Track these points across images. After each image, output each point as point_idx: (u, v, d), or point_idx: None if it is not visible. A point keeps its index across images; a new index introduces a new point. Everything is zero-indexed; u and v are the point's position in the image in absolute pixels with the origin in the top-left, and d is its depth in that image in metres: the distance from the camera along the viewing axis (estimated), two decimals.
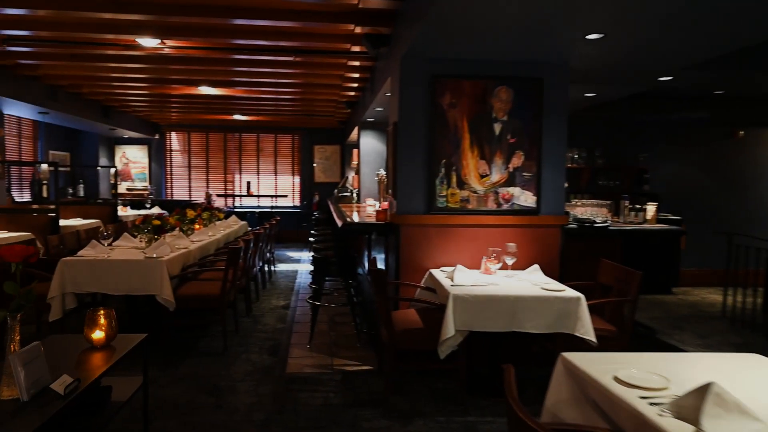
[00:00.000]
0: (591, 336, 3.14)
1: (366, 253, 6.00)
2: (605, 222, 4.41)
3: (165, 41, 5.06)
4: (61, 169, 10.19)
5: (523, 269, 3.79)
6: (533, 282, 3.46)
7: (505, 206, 4.06)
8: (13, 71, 6.16)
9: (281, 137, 12.00)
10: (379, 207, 6.01)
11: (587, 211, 4.73)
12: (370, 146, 7.70)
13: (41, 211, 6.61)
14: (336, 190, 7.77)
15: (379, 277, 3.34)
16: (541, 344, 3.53)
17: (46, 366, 1.83)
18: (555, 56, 3.93)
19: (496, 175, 4.05)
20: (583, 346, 3.18)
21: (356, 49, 5.11)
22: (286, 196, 11.91)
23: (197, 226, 6.06)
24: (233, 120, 10.91)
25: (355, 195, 7.74)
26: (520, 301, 3.16)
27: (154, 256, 4.21)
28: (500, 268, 3.65)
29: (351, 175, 9.33)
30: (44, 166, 7.57)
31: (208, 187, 11.79)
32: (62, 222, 7.09)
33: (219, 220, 7.24)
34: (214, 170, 11.83)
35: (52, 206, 6.58)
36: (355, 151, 8.16)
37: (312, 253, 5.31)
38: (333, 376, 3.81)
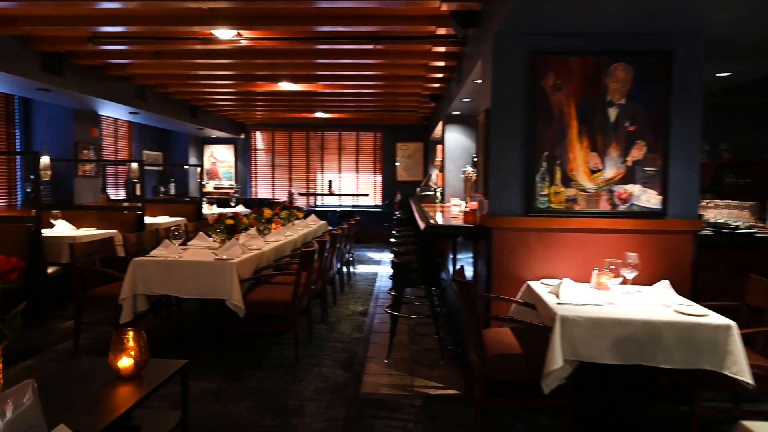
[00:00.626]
0: (746, 376, 2.42)
1: (451, 257, 5.48)
2: (750, 228, 3.58)
3: (241, 33, 4.84)
4: (154, 168, 10.55)
5: (646, 285, 3.11)
6: (663, 302, 2.78)
7: (622, 207, 3.38)
8: (103, 72, 6.26)
9: (363, 135, 11.72)
10: (466, 207, 5.47)
11: (722, 213, 3.90)
12: (456, 142, 7.15)
13: (128, 209, 6.70)
14: (418, 189, 7.30)
15: (469, 291, 2.82)
16: (672, 377, 2.84)
17: (40, 412, 1.41)
18: (686, 23, 3.20)
19: (611, 170, 3.38)
20: (731, 385, 2.48)
21: (442, 31, 4.60)
22: (367, 195, 11.62)
23: (274, 226, 5.82)
24: (315, 118, 10.77)
25: (438, 194, 7.22)
26: (650, 327, 2.51)
27: (224, 257, 3.95)
28: (619, 283, 2.99)
29: (434, 173, 8.81)
30: (134, 165, 7.74)
31: (290, 185, 11.77)
32: (148, 219, 7.18)
33: (298, 219, 7.01)
34: (296, 169, 11.79)
35: (139, 204, 6.65)
36: (439, 147, 7.63)
37: (392, 257, 4.88)
38: (413, 400, 3.34)
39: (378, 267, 8.43)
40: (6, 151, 6.69)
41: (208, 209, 9.22)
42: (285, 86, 7.23)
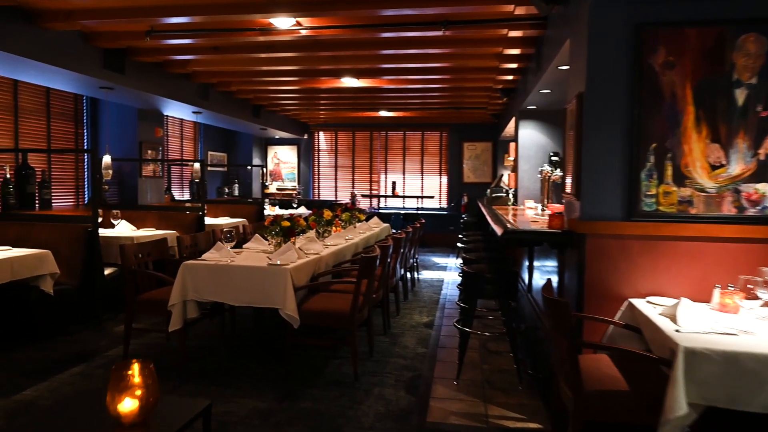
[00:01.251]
0: None
1: (526, 265, 4.91)
2: None
3: (301, 21, 4.53)
4: (218, 169, 10.58)
5: None
6: None
7: (752, 211, 2.74)
8: (165, 69, 6.17)
9: (428, 134, 11.27)
10: (545, 210, 4.90)
11: None
12: (531, 139, 6.56)
13: (190, 210, 6.60)
14: (489, 191, 6.75)
15: (561, 312, 2.31)
16: None
17: None
18: None
19: (737, 166, 2.75)
20: None
21: (521, 11, 4.08)
22: (432, 197, 11.14)
23: (335, 229, 5.48)
24: (379, 117, 10.42)
25: (511, 196, 6.65)
26: None
27: (278, 262, 3.62)
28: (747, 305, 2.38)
29: (506, 173, 8.22)
30: (196, 165, 7.68)
31: (353, 187, 11.49)
32: (209, 221, 7.06)
33: (360, 221, 6.66)
34: (359, 170, 11.50)
35: (199, 204, 6.53)
36: (511, 145, 7.05)
37: (461, 265, 4.40)
38: None
39: (444, 273, 7.94)
40: (65, 148, 6.76)
41: (270, 210, 9.07)
42: (348, 82, 6.91)
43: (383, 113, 9.84)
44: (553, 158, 6.00)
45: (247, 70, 6.51)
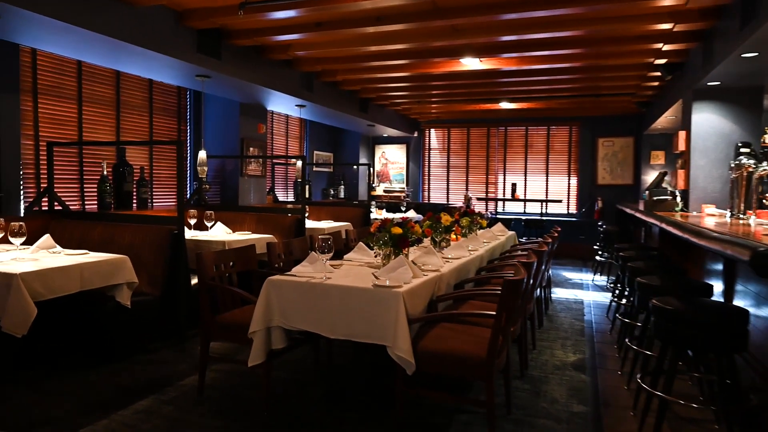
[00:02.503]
0: None
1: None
2: None
3: None
4: (324, 169, 10.01)
5: None
6: None
7: None
8: (265, 56, 5.56)
9: (555, 129, 9.87)
10: (738, 217, 3.52)
11: None
12: (710, 126, 5.09)
13: (290, 212, 5.94)
14: (648, 192, 5.35)
15: None
16: None
17: None
18: None
19: None
20: None
21: None
22: (560, 201, 9.72)
23: (453, 237, 4.47)
24: (498, 110, 9.24)
25: (678, 199, 5.20)
26: None
27: (387, 283, 2.68)
28: None
29: (667, 173, 6.67)
30: (298, 164, 7.06)
31: (467, 189, 10.40)
32: (311, 224, 6.38)
33: (481, 228, 5.59)
34: (474, 170, 10.38)
35: (299, 206, 5.85)
36: (680, 135, 5.57)
37: (637, 295, 3.19)
38: None
39: (581, 292, 6.59)
40: (162, 140, 6.38)
41: (377, 214, 8.28)
42: (467, 63, 5.88)
43: (504, 105, 8.65)
44: (742, 149, 4.53)
45: (354, 53, 5.72)
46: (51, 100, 4.90)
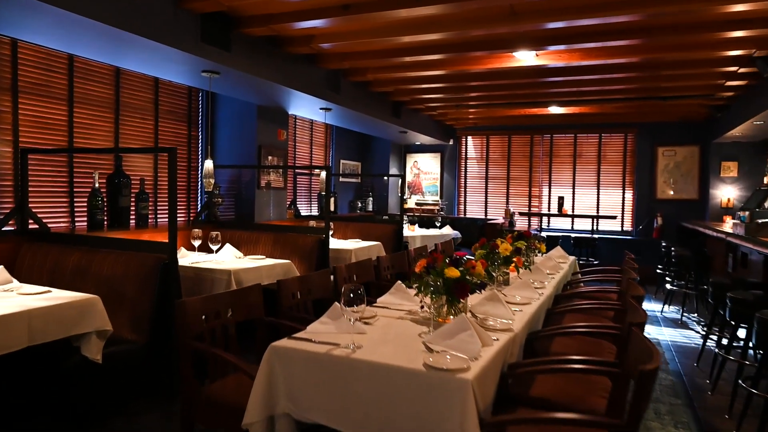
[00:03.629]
0: None
1: None
2: None
3: None
4: (350, 180, 9.19)
5: None
6: None
7: None
8: (284, 48, 4.76)
9: (608, 137, 8.86)
10: None
11: None
12: None
13: (310, 231, 5.12)
14: (747, 214, 4.34)
15: None
16: None
17: None
18: None
19: None
20: None
21: None
22: (615, 217, 8.67)
23: (512, 268, 3.56)
24: (543, 116, 8.28)
25: None
26: None
27: (447, 364, 1.79)
28: None
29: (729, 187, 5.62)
30: (322, 175, 6.24)
31: (507, 203, 9.44)
32: (336, 243, 5.55)
33: (540, 253, 4.66)
34: (516, 182, 9.42)
35: (323, 224, 5.01)
36: None
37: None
38: None
39: (652, 328, 5.55)
40: (142, 148, 5.62)
41: (409, 230, 7.40)
42: (522, 57, 4.99)
43: (554, 110, 7.69)
44: None
45: (386, 45, 4.88)
46: (35, 99, 4.18)
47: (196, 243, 4.37)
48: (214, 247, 4.22)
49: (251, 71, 4.42)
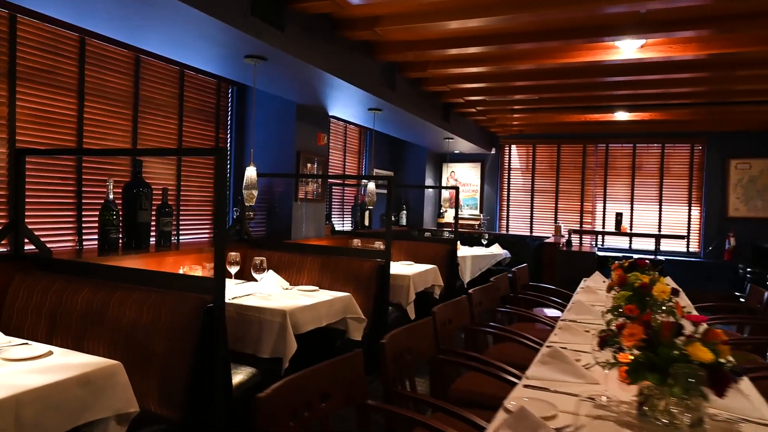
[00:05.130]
0: None
1: None
2: None
3: None
4: (381, 191, 8.30)
5: None
6: None
7: None
8: (344, 33, 3.93)
9: (672, 147, 8.00)
10: None
11: None
12: None
13: (367, 254, 4.24)
14: None
15: None
16: None
17: None
18: None
19: None
20: None
21: None
22: (684, 237, 7.79)
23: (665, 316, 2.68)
24: (597, 122, 7.43)
25: None
26: None
27: None
28: None
29: None
30: (370, 186, 5.38)
31: (556, 219, 8.56)
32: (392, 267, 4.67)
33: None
34: (565, 195, 8.55)
35: (382, 247, 4.15)
36: None
37: None
38: None
39: None
40: (161, 149, 4.77)
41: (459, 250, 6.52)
42: (623, 46, 4.14)
43: (621, 115, 6.84)
44: None
45: (455, 31, 4.04)
46: (36, 89, 3.34)
47: (233, 270, 3.51)
48: (259, 277, 3.34)
49: (305, 57, 3.57)
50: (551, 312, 4.28)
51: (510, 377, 2.18)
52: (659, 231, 7.94)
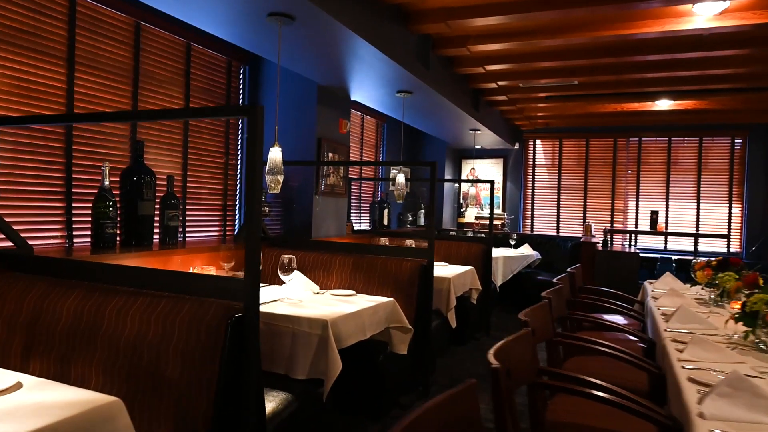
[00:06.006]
0: None
1: None
2: None
3: None
4: (393, 188, 7.71)
5: None
6: None
7: None
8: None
9: (710, 141, 7.46)
10: None
11: None
12: None
13: (403, 253, 3.66)
14: None
15: None
16: None
17: None
18: None
19: None
20: None
21: None
22: (725, 236, 7.24)
23: None
24: (627, 114, 6.88)
25: None
26: None
27: None
28: None
29: None
30: (400, 179, 4.81)
31: (584, 218, 8.00)
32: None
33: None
34: (595, 193, 7.99)
35: (425, 246, 3.57)
36: None
37: None
38: None
39: None
40: (170, 110, 4.20)
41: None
42: (701, 19, 3.59)
43: (662, 104, 6.29)
44: None
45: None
46: (16, 53, 2.76)
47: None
48: (287, 278, 2.76)
49: (338, 16, 3.00)
50: (612, 317, 3.73)
51: (652, 413, 1.61)
52: (697, 230, 7.39)
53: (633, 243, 7.57)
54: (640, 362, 2.27)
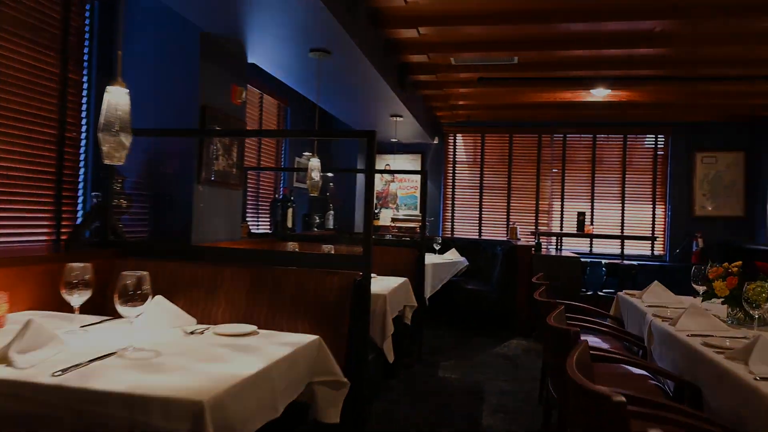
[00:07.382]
0: None
1: None
2: None
3: None
4: (302, 185, 6.56)
5: None
6: None
7: None
8: None
9: (635, 139, 7.17)
10: None
11: None
12: None
13: (348, 260, 2.57)
14: None
15: None
16: None
17: None
18: None
19: None
20: None
21: None
22: (653, 238, 6.92)
23: None
24: (552, 105, 6.35)
25: None
26: None
27: None
28: None
29: None
30: (313, 163, 3.70)
31: (509, 220, 7.37)
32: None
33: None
34: (519, 193, 7.40)
35: (360, 256, 2.52)
36: None
37: None
38: None
39: None
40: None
41: None
42: None
43: (599, 93, 5.75)
44: None
45: None
46: None
47: (76, 298, 1.70)
48: (131, 312, 1.55)
49: None
50: (589, 338, 2.94)
51: None
52: (622, 232, 7.04)
53: (559, 247, 7.05)
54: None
